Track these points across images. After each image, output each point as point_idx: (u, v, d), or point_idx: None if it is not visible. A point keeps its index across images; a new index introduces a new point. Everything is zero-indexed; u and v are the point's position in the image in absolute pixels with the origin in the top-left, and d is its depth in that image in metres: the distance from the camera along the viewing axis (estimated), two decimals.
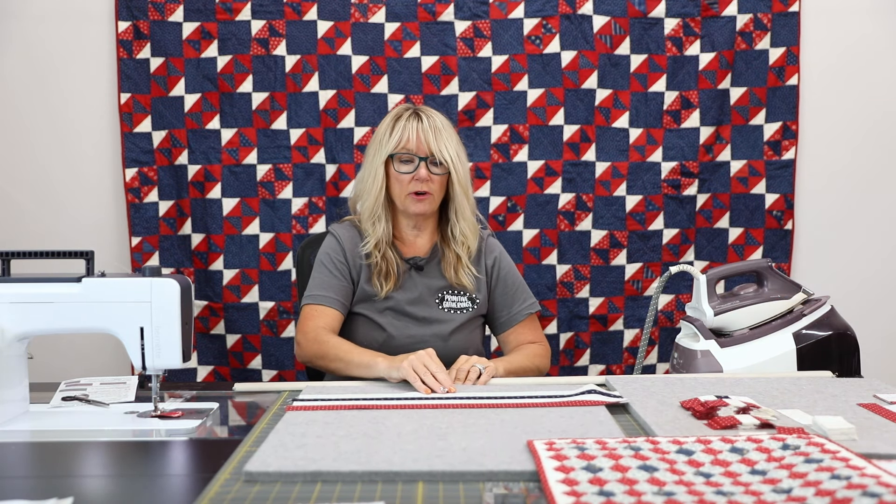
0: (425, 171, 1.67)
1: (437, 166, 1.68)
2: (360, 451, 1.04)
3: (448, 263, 1.75)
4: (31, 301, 1.25)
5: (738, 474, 0.92)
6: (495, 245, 1.82)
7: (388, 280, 1.71)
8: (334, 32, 2.44)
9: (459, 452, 1.03)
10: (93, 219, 2.50)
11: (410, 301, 1.72)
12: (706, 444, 1.01)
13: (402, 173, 1.68)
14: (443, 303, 1.74)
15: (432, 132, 1.68)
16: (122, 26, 2.40)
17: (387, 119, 1.74)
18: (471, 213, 1.74)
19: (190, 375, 2.49)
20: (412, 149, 1.68)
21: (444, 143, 1.68)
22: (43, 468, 1.10)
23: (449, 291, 1.75)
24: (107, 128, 2.47)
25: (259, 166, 2.46)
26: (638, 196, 2.52)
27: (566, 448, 1.00)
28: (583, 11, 2.45)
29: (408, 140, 1.68)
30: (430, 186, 1.68)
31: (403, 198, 1.69)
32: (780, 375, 1.50)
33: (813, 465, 0.93)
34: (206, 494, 0.91)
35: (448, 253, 1.75)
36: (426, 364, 1.40)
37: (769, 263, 1.74)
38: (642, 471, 0.92)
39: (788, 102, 2.50)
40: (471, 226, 1.74)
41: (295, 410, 1.25)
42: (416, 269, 1.74)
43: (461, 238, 1.73)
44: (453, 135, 1.72)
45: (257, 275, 2.48)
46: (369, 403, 1.29)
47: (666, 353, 2.56)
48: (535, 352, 1.75)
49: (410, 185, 1.67)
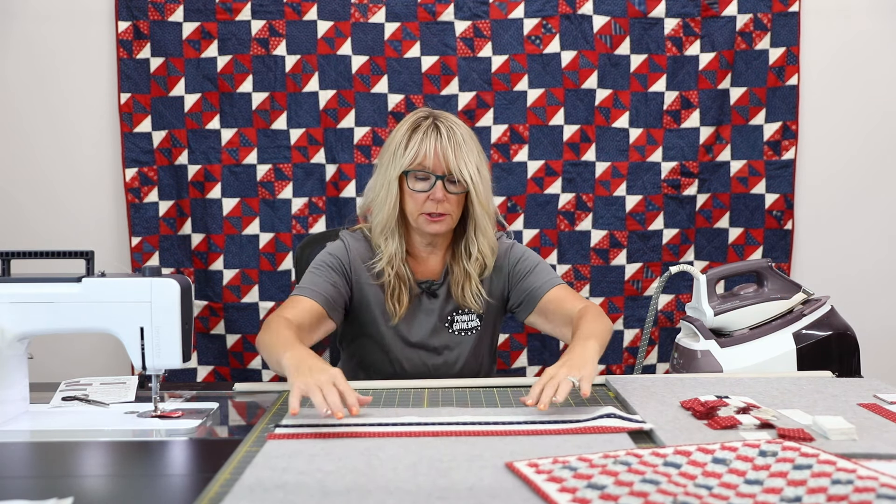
0: (441, 192, 1.52)
1: (454, 184, 1.54)
2: (350, 491, 0.91)
3: (456, 282, 1.63)
4: (31, 301, 1.25)
5: (736, 485, 0.90)
6: (519, 251, 1.68)
7: (402, 302, 1.59)
8: (334, 32, 2.44)
9: (465, 493, 0.90)
10: (93, 219, 2.50)
11: (422, 330, 1.63)
12: (688, 456, 0.99)
13: (416, 191, 1.54)
14: (453, 325, 1.64)
15: (452, 148, 1.52)
16: (122, 26, 2.41)
17: (403, 127, 1.58)
18: (492, 231, 1.62)
19: (190, 375, 2.49)
20: (429, 166, 1.53)
21: (465, 159, 1.53)
22: (43, 468, 1.09)
23: (458, 311, 1.65)
24: (107, 128, 2.47)
25: (259, 166, 2.46)
26: (638, 196, 2.52)
27: (557, 469, 0.94)
28: (583, 11, 2.45)
29: (425, 156, 1.52)
30: (446, 207, 1.54)
31: (417, 216, 1.56)
32: (780, 375, 1.50)
33: (805, 471, 0.92)
34: (206, 494, 0.91)
35: (457, 270, 1.63)
36: (337, 384, 1.18)
37: (769, 263, 1.74)
38: (648, 483, 0.89)
39: (788, 102, 2.50)
40: (490, 243, 1.61)
41: (277, 439, 1.10)
42: (429, 296, 1.64)
43: (477, 255, 1.60)
44: (474, 148, 1.57)
45: (257, 275, 2.48)
46: (361, 431, 1.13)
47: (666, 353, 2.56)
48: (590, 319, 1.45)
49: (426, 204, 1.54)
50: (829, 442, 1.07)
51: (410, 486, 0.92)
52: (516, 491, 0.90)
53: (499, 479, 0.94)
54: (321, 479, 0.95)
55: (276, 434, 1.12)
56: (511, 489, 0.91)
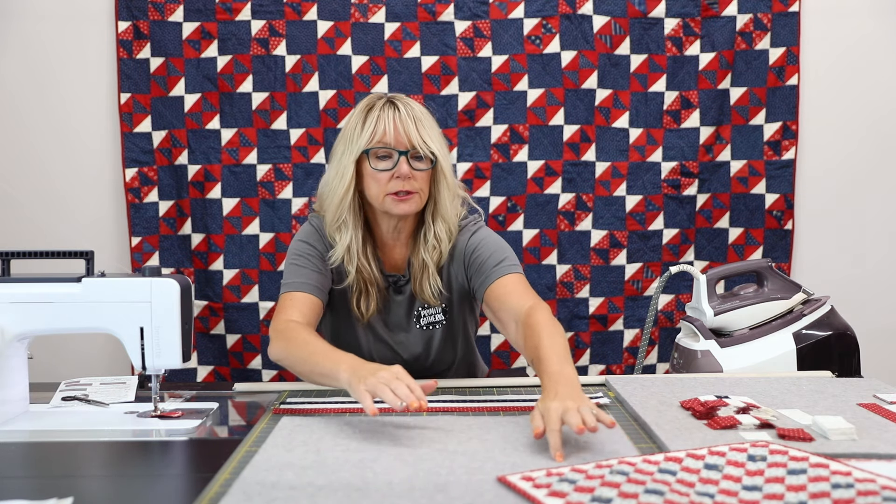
0: (406, 168, 1.44)
1: (419, 161, 1.47)
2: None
3: (415, 276, 1.55)
4: (31, 301, 1.25)
5: (736, 492, 0.89)
6: (479, 237, 1.56)
7: (370, 301, 1.54)
8: (334, 32, 2.44)
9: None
10: (93, 219, 2.50)
11: (390, 325, 1.59)
12: (679, 462, 0.98)
13: (379, 171, 1.45)
14: (420, 320, 1.59)
15: (412, 122, 1.45)
16: (122, 26, 2.40)
17: (356, 111, 1.50)
18: (454, 214, 1.54)
19: (190, 375, 2.49)
20: (390, 142, 1.45)
21: (427, 133, 1.46)
22: (43, 468, 1.09)
23: (423, 306, 1.58)
24: (107, 128, 2.47)
25: (259, 166, 2.46)
26: (638, 196, 2.52)
27: (555, 483, 0.92)
28: (583, 11, 2.45)
29: (384, 132, 1.45)
30: (414, 185, 1.46)
31: (382, 199, 1.47)
32: (780, 375, 1.50)
33: (801, 475, 0.92)
34: (206, 494, 0.91)
35: (415, 263, 1.55)
36: (400, 377, 1.15)
37: (769, 263, 1.74)
38: (654, 494, 0.88)
39: (788, 102, 2.50)
40: (449, 227, 1.53)
41: (284, 413, 1.08)
42: (396, 291, 1.59)
43: (433, 242, 1.53)
44: (435, 125, 1.51)
45: (257, 275, 2.48)
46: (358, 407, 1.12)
47: (666, 353, 2.56)
48: (547, 335, 1.29)
49: (391, 184, 1.45)
50: (829, 442, 1.08)
51: (405, 502, 0.88)
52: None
53: (499, 494, 0.90)
54: (312, 494, 0.90)
55: (281, 409, 1.18)
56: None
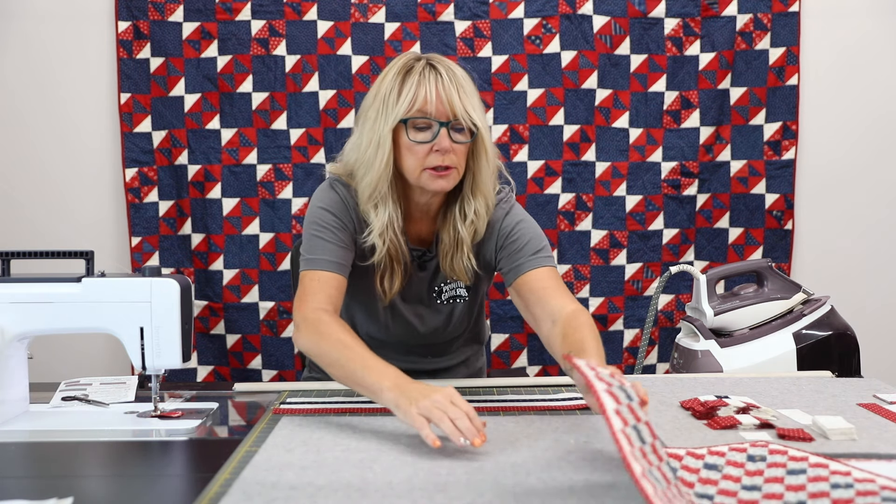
0: (448, 141, 1.31)
1: (460, 132, 1.34)
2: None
3: (445, 253, 1.44)
4: (31, 301, 1.25)
5: (735, 492, 0.89)
6: (516, 216, 1.46)
7: (395, 279, 1.44)
8: (334, 32, 2.44)
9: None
10: (93, 219, 2.50)
11: (409, 299, 1.50)
12: (679, 460, 0.98)
13: (417, 143, 1.32)
14: (441, 295, 1.50)
15: (455, 89, 1.31)
16: (122, 26, 2.41)
17: (391, 72, 1.35)
18: (492, 189, 1.43)
19: (190, 375, 2.49)
20: (430, 111, 1.31)
21: (471, 103, 1.32)
22: (43, 468, 1.09)
23: (444, 280, 1.49)
24: (107, 128, 2.47)
25: (259, 166, 2.46)
26: (638, 196, 2.52)
27: (616, 388, 0.90)
28: (583, 11, 2.45)
29: (425, 101, 1.31)
30: (453, 159, 1.33)
31: (419, 173, 1.34)
32: (780, 375, 1.50)
33: (801, 476, 0.92)
34: (206, 494, 0.91)
35: (447, 239, 1.43)
36: (456, 403, 1.06)
37: (769, 263, 1.74)
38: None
39: (788, 102, 2.50)
40: (488, 202, 1.42)
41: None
42: (419, 268, 1.49)
43: (473, 218, 1.40)
44: (475, 91, 1.36)
45: (257, 275, 2.48)
46: (361, 407, 1.12)
47: (666, 353, 2.56)
48: (591, 338, 1.22)
49: (429, 157, 1.32)
50: (829, 442, 1.07)
51: (406, 501, 0.88)
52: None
53: (500, 495, 0.89)
54: (312, 494, 0.90)
55: (281, 409, 1.20)
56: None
